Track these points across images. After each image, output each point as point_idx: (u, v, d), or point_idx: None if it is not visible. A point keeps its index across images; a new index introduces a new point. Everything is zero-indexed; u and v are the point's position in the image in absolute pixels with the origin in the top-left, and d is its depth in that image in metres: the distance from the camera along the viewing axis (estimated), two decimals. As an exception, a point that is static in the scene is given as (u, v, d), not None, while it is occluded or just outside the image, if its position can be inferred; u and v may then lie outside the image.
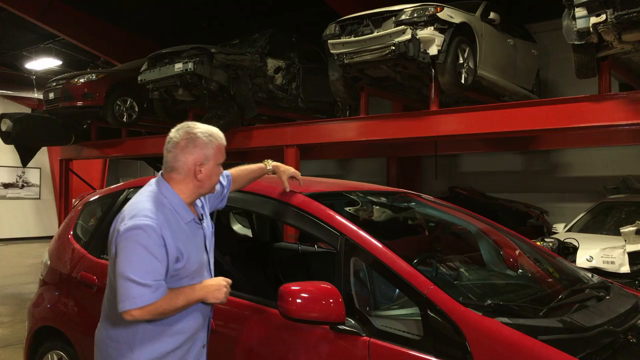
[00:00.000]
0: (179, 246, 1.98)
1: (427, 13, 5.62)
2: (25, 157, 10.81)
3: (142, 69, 8.04)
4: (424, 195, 3.50)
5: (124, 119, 9.19)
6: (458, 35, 5.87)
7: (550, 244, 5.56)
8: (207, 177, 2.07)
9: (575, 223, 6.85)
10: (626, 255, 5.17)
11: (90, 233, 3.39)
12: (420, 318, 2.07)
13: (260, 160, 2.61)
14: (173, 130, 2.11)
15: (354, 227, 2.35)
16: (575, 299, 2.36)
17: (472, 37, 6.13)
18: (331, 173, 12.08)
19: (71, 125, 10.15)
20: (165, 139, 2.10)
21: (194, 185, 2.07)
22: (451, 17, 5.77)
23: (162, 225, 1.94)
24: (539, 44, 8.23)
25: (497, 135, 6.81)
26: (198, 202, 2.21)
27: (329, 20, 6.43)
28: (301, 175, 2.71)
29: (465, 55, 6.02)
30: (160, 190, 2.05)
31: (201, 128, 2.09)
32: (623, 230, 5.34)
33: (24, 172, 16.04)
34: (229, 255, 3.42)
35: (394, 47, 5.66)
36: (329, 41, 6.20)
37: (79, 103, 8.93)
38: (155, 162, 12.10)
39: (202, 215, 2.19)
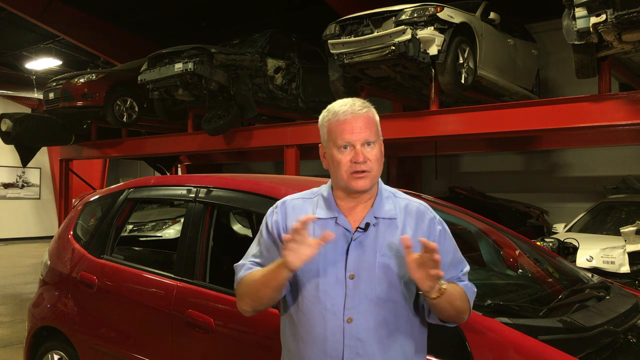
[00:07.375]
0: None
1: (427, 13, 5.62)
2: (25, 157, 10.81)
3: (142, 69, 8.04)
4: (424, 195, 3.49)
5: (124, 119, 9.18)
6: (458, 35, 5.87)
7: (550, 244, 5.56)
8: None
9: (575, 223, 6.85)
10: (626, 255, 5.17)
11: (90, 233, 3.39)
12: (420, 318, 2.06)
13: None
14: None
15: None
16: (575, 299, 2.36)
17: (472, 37, 6.13)
18: (331, 173, 12.03)
19: (71, 125, 10.15)
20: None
21: None
22: (451, 17, 5.77)
23: None
24: (539, 44, 8.22)
25: (497, 135, 6.81)
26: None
27: (328, 20, 6.43)
28: (301, 175, 2.70)
29: (465, 55, 6.02)
30: None
31: None
32: (623, 230, 5.34)
33: (24, 172, 16.04)
34: (229, 255, 3.42)
35: (394, 47, 5.65)
36: (329, 41, 6.20)
37: (79, 103, 8.92)
38: (155, 162, 12.10)
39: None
